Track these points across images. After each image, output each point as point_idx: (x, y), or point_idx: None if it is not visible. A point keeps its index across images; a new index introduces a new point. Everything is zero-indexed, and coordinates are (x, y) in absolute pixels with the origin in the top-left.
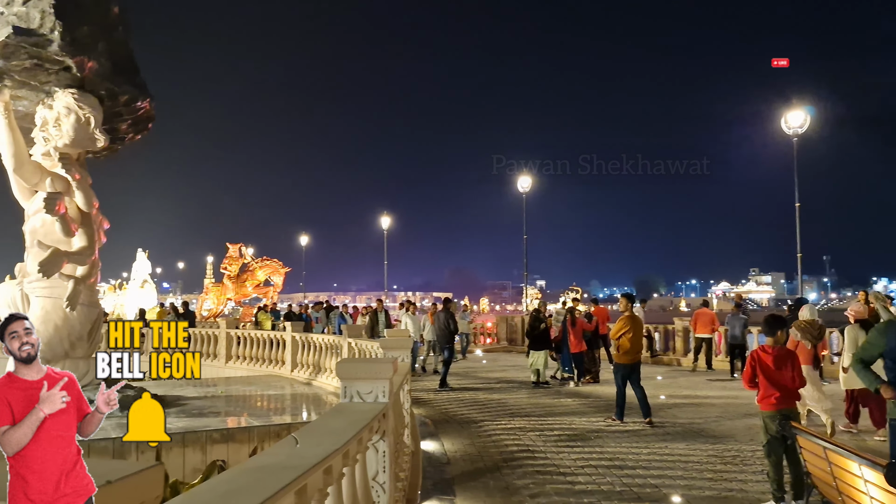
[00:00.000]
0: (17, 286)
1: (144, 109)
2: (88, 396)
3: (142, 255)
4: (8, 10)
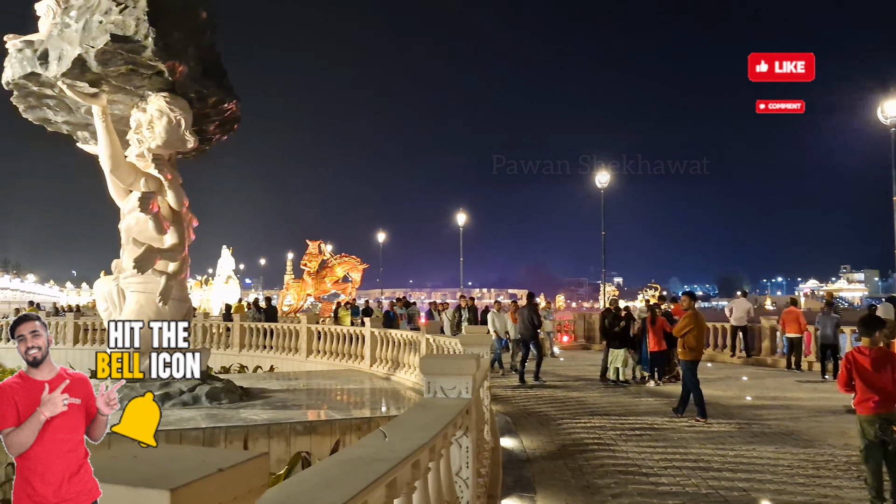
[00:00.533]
0: (114, 281)
1: (231, 111)
2: (169, 391)
3: (226, 252)
4: (106, 18)
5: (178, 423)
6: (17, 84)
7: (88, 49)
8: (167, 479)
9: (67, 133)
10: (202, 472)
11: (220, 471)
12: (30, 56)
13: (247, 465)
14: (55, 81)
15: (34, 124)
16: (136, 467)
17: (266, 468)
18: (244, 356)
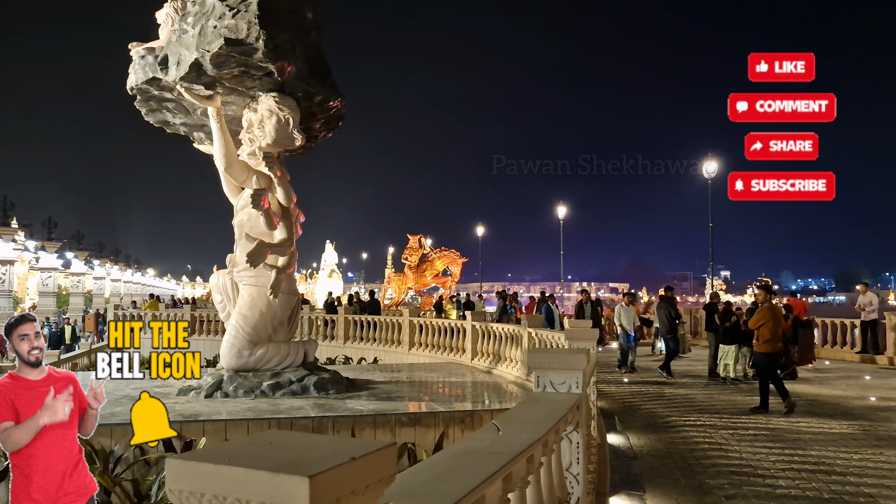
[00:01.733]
0: (228, 275)
1: (336, 108)
2: (279, 381)
3: (329, 247)
4: (220, 23)
5: (289, 411)
6: (140, 89)
7: (204, 53)
8: (305, 465)
9: (184, 134)
10: (337, 459)
11: (353, 459)
12: (151, 62)
13: (377, 455)
14: (174, 85)
15: (155, 127)
16: (273, 454)
17: (395, 458)
18: (348, 348)
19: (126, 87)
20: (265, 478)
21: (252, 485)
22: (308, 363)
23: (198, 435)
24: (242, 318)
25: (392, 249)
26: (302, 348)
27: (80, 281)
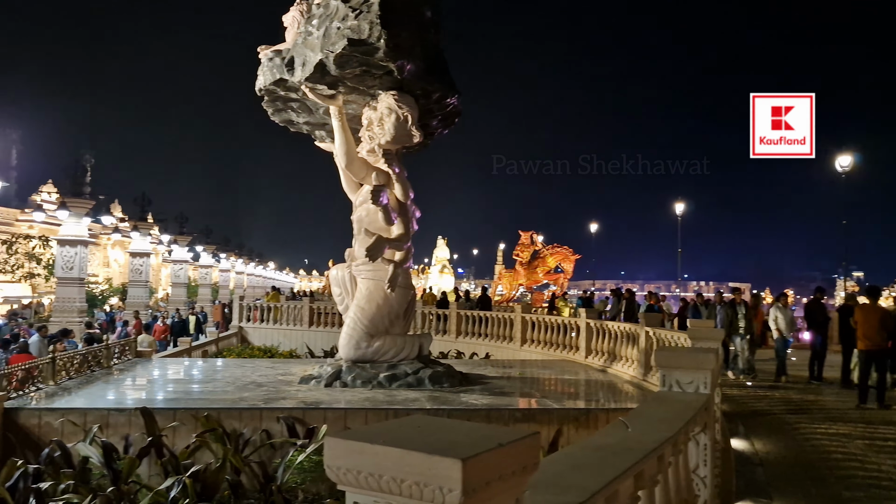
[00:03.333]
0: (346, 269)
1: (453, 105)
2: (395, 373)
3: (441, 242)
4: (343, 24)
5: (404, 403)
6: (267, 90)
7: (328, 54)
8: (457, 449)
9: (307, 132)
10: (486, 445)
11: (501, 446)
12: (278, 64)
13: (523, 443)
14: (299, 86)
15: (279, 126)
16: (424, 437)
17: (539, 447)
18: (460, 343)
19: (254, 89)
20: (420, 459)
21: (407, 464)
22: (423, 356)
23: (319, 422)
24: (360, 310)
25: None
26: (417, 341)
27: (208, 273)
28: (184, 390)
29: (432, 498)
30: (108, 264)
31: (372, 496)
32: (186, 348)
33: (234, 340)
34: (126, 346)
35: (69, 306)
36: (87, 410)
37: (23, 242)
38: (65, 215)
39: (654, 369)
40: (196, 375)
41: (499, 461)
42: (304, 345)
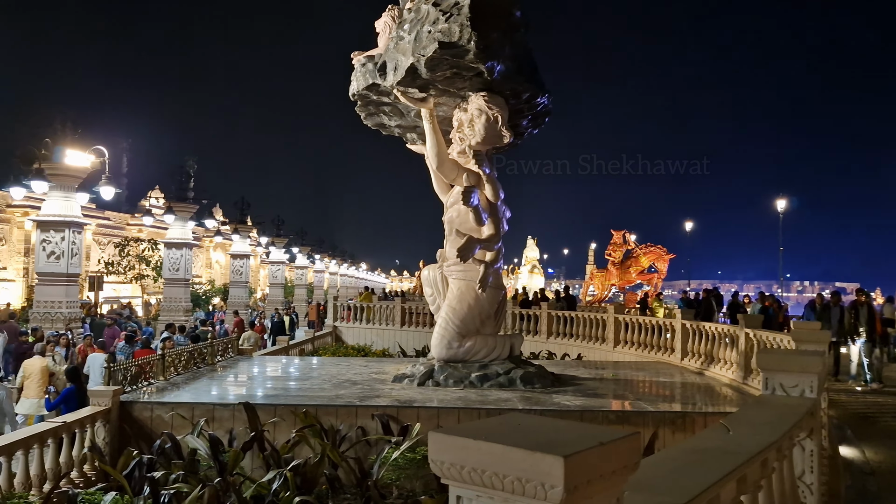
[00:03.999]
0: (438, 269)
1: (543, 105)
2: (487, 373)
3: (531, 243)
4: (434, 28)
5: (496, 403)
6: (360, 95)
7: (420, 58)
8: (559, 446)
9: (398, 135)
10: (586, 443)
11: (601, 444)
12: (371, 69)
13: (624, 442)
14: (391, 90)
15: (371, 130)
16: (525, 434)
17: (640, 447)
18: (551, 343)
19: (348, 95)
20: (522, 455)
21: (510, 461)
22: (514, 356)
23: (412, 420)
24: (452, 310)
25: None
26: (508, 342)
27: (304, 273)
28: (283, 387)
29: (534, 494)
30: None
31: (475, 490)
32: (284, 346)
33: (328, 339)
34: (229, 343)
35: (175, 305)
36: (195, 405)
37: (133, 245)
38: (171, 219)
39: (755, 372)
40: (294, 373)
41: (600, 460)
42: (397, 344)
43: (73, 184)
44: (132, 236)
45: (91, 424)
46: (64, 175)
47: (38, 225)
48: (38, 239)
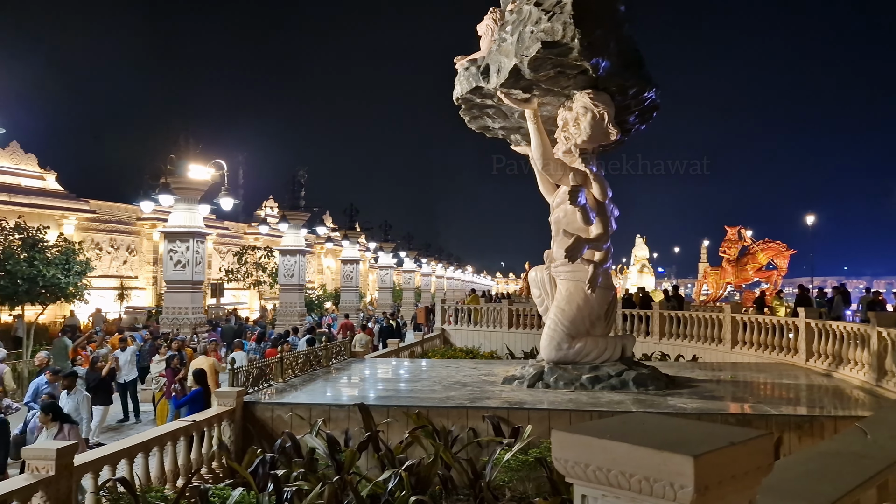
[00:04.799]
0: (545, 270)
1: (650, 99)
2: (598, 375)
3: (640, 241)
4: (536, 28)
5: (609, 405)
6: (464, 98)
7: (522, 59)
8: (688, 445)
9: (502, 137)
10: (716, 443)
11: (732, 444)
12: (474, 72)
13: (756, 442)
14: (494, 92)
15: (474, 133)
16: (651, 433)
17: (772, 448)
18: (664, 344)
19: (451, 99)
20: (649, 454)
21: (636, 460)
22: (626, 358)
23: (523, 422)
24: (560, 312)
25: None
26: (619, 343)
27: (411, 277)
28: (395, 388)
29: (663, 494)
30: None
31: (600, 489)
32: (394, 349)
33: (437, 342)
34: (342, 346)
35: (290, 310)
36: (312, 406)
37: (250, 253)
38: (285, 227)
39: (890, 374)
40: (405, 375)
41: (731, 460)
42: (505, 346)
43: (196, 196)
44: (249, 245)
45: (218, 424)
46: (187, 188)
47: (165, 236)
48: (166, 249)
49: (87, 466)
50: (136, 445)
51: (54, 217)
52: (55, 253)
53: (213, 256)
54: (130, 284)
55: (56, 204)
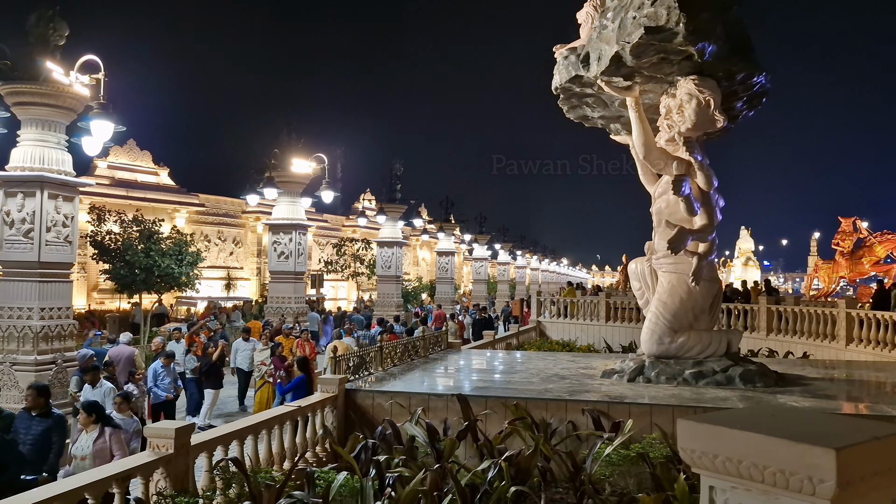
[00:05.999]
0: (646, 262)
1: (759, 84)
2: (702, 370)
3: (744, 233)
4: (639, 13)
5: (714, 401)
6: (563, 88)
7: (624, 45)
8: (828, 438)
9: (601, 127)
10: (858, 437)
11: (876, 439)
12: (573, 61)
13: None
14: (594, 81)
15: (572, 123)
16: (786, 425)
17: None
18: (771, 340)
19: (548, 90)
20: (786, 446)
21: (770, 451)
22: (731, 353)
23: (623, 416)
24: (662, 305)
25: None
26: (725, 338)
27: (506, 269)
28: (492, 380)
29: (800, 488)
30: (416, 263)
31: (730, 481)
32: (490, 341)
33: (533, 334)
34: (439, 337)
35: (388, 301)
36: (411, 394)
37: (349, 245)
38: (382, 219)
39: None
40: (501, 366)
41: (874, 455)
42: (602, 339)
43: (298, 189)
44: (347, 237)
45: (321, 409)
46: (290, 182)
47: (269, 228)
48: (270, 240)
49: (202, 446)
50: (247, 428)
51: (167, 210)
52: (169, 244)
53: (314, 248)
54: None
55: (169, 198)
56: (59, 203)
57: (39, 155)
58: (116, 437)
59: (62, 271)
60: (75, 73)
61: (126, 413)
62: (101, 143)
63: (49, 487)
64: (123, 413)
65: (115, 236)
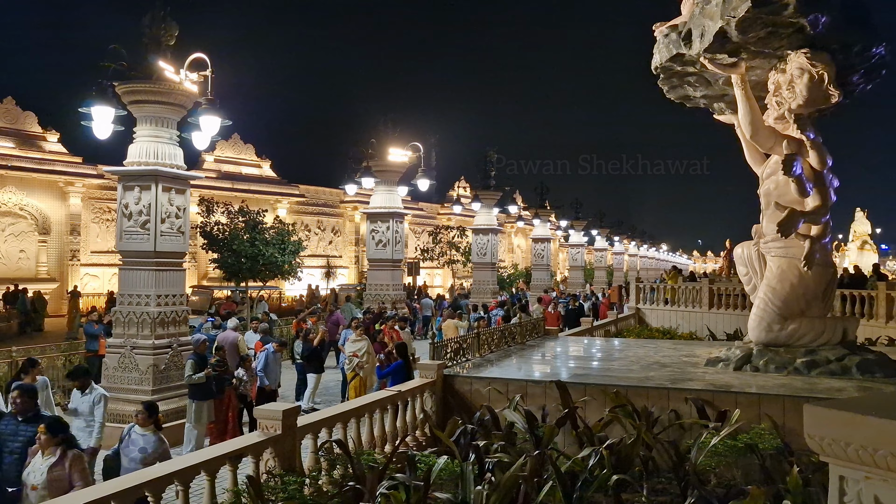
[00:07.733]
0: (754, 246)
1: (878, 56)
2: (815, 359)
3: (860, 216)
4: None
5: (828, 392)
6: (664, 67)
7: (729, 20)
8: None
9: (704, 106)
10: None
11: None
12: (674, 39)
13: None
14: (697, 58)
15: (671, 104)
16: None
17: None
18: (891, 329)
19: (648, 70)
20: None
21: None
22: (847, 342)
23: (730, 406)
24: (771, 290)
25: None
26: (840, 325)
27: (603, 256)
28: (590, 367)
29: None
30: (512, 250)
31: (863, 471)
32: (588, 328)
33: (631, 321)
34: (536, 324)
35: (484, 288)
36: (509, 381)
37: (444, 233)
38: (477, 207)
39: None
40: (599, 354)
41: None
42: (705, 327)
43: (395, 178)
44: (442, 224)
45: (420, 394)
46: (387, 171)
47: (367, 217)
48: (368, 229)
49: (308, 428)
50: (350, 411)
51: (269, 201)
52: (272, 234)
53: (410, 236)
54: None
55: (271, 189)
56: (173, 195)
57: (154, 150)
58: (78, 464)
59: (176, 260)
60: (185, 70)
61: (150, 428)
62: (209, 138)
63: (153, 469)
64: (146, 428)
65: (222, 227)
